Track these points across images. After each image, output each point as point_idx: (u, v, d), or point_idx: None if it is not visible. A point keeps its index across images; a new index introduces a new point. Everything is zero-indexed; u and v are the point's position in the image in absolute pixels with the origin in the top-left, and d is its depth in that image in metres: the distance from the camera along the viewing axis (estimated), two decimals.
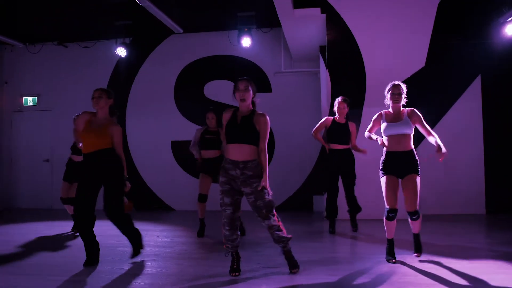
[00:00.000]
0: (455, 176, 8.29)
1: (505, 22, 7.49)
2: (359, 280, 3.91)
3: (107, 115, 4.73)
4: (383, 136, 4.63)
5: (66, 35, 10.11)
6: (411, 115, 4.54)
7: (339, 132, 6.27)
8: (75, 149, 6.81)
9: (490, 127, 8.40)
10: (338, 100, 6.28)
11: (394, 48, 7.12)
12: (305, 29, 7.62)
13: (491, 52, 8.22)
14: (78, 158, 6.67)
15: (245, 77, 4.29)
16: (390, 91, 4.63)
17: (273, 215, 4.13)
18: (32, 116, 10.72)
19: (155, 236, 6.48)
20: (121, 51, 9.36)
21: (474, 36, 8.25)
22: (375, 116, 4.80)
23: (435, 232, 6.33)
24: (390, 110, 4.67)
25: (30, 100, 10.66)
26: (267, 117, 4.17)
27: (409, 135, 4.52)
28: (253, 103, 4.24)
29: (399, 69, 7.34)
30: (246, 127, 4.12)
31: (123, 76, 10.21)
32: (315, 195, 9.22)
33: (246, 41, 8.70)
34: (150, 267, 4.55)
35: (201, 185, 6.37)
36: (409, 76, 7.33)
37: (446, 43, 8.10)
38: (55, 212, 9.75)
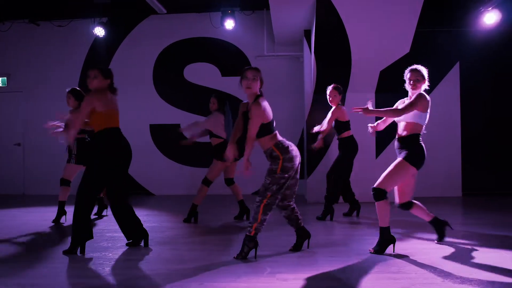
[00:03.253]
0: (433, 160, 8.49)
1: (485, 11, 7.65)
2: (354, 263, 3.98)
3: None
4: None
5: (38, 12, 9.67)
6: None
7: None
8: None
9: (467, 112, 8.68)
10: (329, 88, 6.29)
11: (381, 34, 7.15)
12: (293, 12, 7.56)
13: (470, 40, 8.43)
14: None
15: (254, 67, 4.25)
16: (407, 77, 4.37)
17: (260, 200, 4.10)
18: (2, 98, 10.27)
19: (142, 221, 6.33)
20: (99, 31, 9.06)
21: (454, 24, 8.43)
22: (397, 103, 4.53)
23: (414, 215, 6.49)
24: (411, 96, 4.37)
25: None
26: (259, 104, 4.09)
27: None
28: (260, 93, 4.18)
29: (385, 55, 7.42)
30: (247, 120, 4.13)
31: (100, 57, 9.88)
32: None
33: (229, 23, 8.57)
34: (146, 253, 4.47)
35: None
36: (393, 61, 7.43)
37: (428, 30, 8.22)
38: (27, 198, 9.46)
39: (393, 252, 4.25)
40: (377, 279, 3.48)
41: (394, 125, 4.63)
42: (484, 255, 4.14)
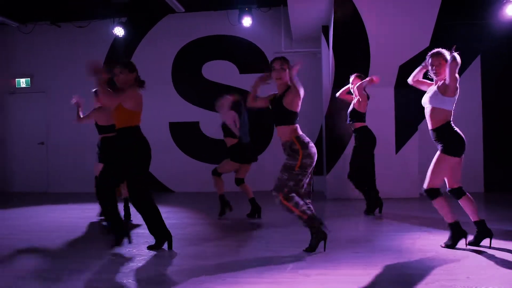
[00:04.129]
0: None
1: (506, 2, 7.52)
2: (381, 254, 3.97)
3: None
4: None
5: (59, 14, 9.84)
6: None
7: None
8: None
9: (488, 107, 8.55)
10: (352, 76, 6.30)
11: (400, 28, 7.10)
12: (311, 8, 7.55)
13: (491, 33, 8.29)
14: None
15: (280, 56, 4.25)
16: (429, 63, 4.15)
17: (277, 195, 4.09)
18: (25, 98, 10.49)
19: (163, 218, 6.41)
20: (119, 31, 9.19)
21: (475, 17, 8.30)
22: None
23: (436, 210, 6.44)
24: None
25: (23, 82, 10.42)
26: (297, 90, 4.10)
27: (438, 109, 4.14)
28: (292, 84, 4.18)
29: (404, 49, 7.35)
30: (276, 108, 4.14)
31: (119, 56, 10.01)
32: (315, 176, 9.23)
33: (246, 21, 8.59)
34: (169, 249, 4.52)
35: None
36: (413, 56, 7.36)
37: (448, 23, 8.12)
38: (50, 196, 9.64)
39: (466, 246, 4.17)
40: (400, 275, 3.48)
41: (413, 119, 4.57)
42: (508, 251, 4.09)
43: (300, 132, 4.21)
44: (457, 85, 4.08)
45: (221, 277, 3.48)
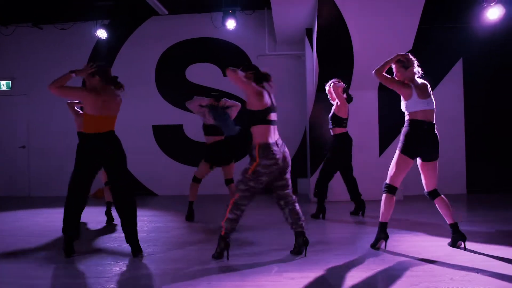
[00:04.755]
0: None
1: (487, 6, 7.62)
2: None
3: None
4: None
5: (41, 16, 9.70)
6: None
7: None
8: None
9: (470, 109, 8.68)
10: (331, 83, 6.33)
11: (383, 31, 7.16)
12: (295, 11, 7.57)
13: (473, 36, 8.39)
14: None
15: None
16: (417, 70, 4.52)
17: (237, 192, 4.08)
18: (7, 101, 10.29)
19: (147, 221, 6.39)
20: (102, 33, 9.08)
21: (457, 20, 8.40)
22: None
23: (422, 211, 6.51)
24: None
25: (4, 84, 10.22)
26: (248, 87, 4.16)
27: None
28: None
29: (387, 52, 7.37)
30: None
31: (102, 59, 9.90)
32: (299, 178, 9.27)
33: (231, 23, 8.57)
34: (154, 253, 4.48)
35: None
36: None
37: (431, 27, 8.22)
38: (33, 200, 9.49)
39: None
40: (384, 276, 3.49)
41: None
42: (491, 252, 4.13)
43: (270, 139, 4.11)
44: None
45: (205, 280, 3.45)
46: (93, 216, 6.57)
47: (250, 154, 4.10)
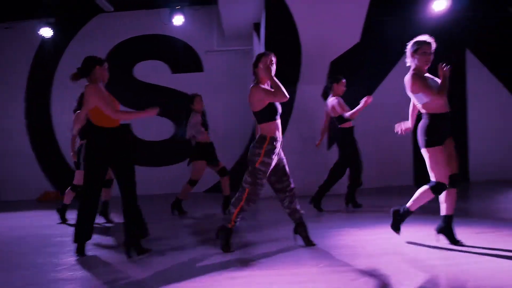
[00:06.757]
0: (386, 149, 8.59)
1: None
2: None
3: None
4: None
5: None
6: None
7: None
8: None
9: None
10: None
11: (330, 25, 7.14)
12: (242, 5, 7.49)
13: (420, 28, 8.47)
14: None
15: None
16: (425, 51, 3.99)
17: (241, 189, 4.10)
18: None
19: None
20: (46, 32, 8.74)
21: (405, 12, 8.50)
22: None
23: (375, 205, 6.54)
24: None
25: None
26: (253, 89, 4.14)
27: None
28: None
29: (334, 46, 7.41)
30: None
31: (48, 57, 9.53)
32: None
33: (178, 19, 8.41)
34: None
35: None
36: (343, 52, 7.44)
37: (378, 19, 8.29)
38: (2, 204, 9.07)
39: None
40: (329, 270, 3.44)
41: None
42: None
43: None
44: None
45: (192, 280, 3.30)
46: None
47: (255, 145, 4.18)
